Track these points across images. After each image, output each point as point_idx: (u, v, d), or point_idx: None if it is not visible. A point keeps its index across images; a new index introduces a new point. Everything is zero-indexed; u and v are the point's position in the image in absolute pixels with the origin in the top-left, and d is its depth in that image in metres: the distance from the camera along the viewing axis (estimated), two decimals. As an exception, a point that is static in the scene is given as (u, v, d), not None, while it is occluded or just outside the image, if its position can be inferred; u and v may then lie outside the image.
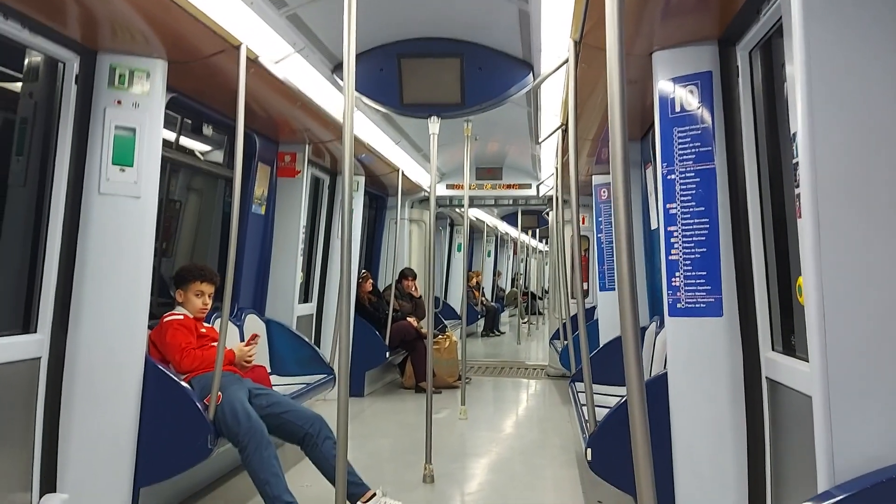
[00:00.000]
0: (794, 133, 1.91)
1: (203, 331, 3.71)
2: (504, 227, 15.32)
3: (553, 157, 6.06)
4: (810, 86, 1.73)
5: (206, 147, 4.72)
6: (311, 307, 6.12)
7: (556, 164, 5.47)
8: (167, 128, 3.60)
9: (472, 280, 12.72)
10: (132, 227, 3.18)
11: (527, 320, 14.24)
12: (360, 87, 4.03)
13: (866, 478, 1.59)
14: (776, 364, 2.46)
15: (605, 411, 3.28)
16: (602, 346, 5.11)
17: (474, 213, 12.06)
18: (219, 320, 3.36)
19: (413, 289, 7.83)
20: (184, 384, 3.28)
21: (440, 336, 7.60)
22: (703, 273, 2.74)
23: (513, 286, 18.24)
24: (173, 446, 3.22)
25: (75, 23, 2.90)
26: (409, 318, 7.41)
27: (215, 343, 3.47)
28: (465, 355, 6.68)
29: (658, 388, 2.84)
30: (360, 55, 3.14)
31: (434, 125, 4.25)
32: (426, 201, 8.70)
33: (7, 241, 3.08)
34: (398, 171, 6.95)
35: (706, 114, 2.77)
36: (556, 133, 5.01)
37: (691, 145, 2.79)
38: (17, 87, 3.11)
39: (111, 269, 3.13)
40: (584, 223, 7.36)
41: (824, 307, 1.69)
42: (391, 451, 4.99)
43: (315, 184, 6.04)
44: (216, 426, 3.22)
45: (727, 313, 2.70)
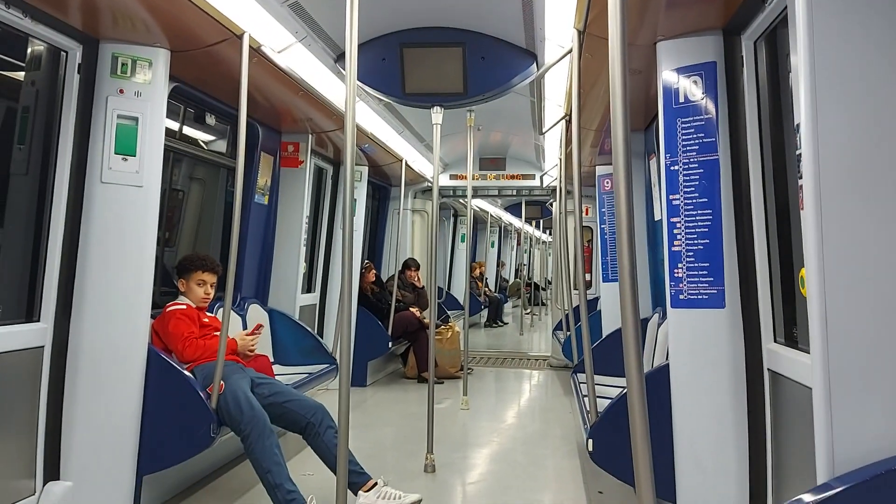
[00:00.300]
0: (797, 124, 1.90)
1: (206, 320, 3.71)
2: (508, 217, 15.29)
3: (556, 147, 6.05)
4: (814, 76, 1.72)
5: (209, 137, 4.71)
6: (313, 297, 6.13)
7: (560, 154, 5.45)
8: (170, 117, 3.60)
9: (476, 271, 12.72)
10: (135, 217, 3.19)
11: (530, 311, 14.24)
12: (362, 76, 4.03)
13: (865, 469, 1.59)
14: (778, 356, 2.46)
15: (606, 402, 3.29)
16: (604, 336, 5.10)
17: (478, 203, 12.04)
18: (221, 310, 3.37)
19: (416, 279, 7.84)
20: (186, 373, 3.29)
21: (443, 326, 7.61)
22: (706, 264, 2.74)
23: (516, 277, 18.24)
24: (176, 435, 3.23)
25: (77, 11, 2.90)
26: (411, 309, 7.41)
27: (218, 332, 3.48)
28: (468, 346, 6.69)
29: (660, 380, 2.84)
30: (362, 45, 3.14)
31: (437, 115, 4.24)
32: (429, 191, 8.70)
33: (10, 230, 3.09)
34: (401, 161, 6.94)
35: (710, 104, 2.75)
36: (560, 123, 4.99)
37: (695, 136, 2.78)
38: (20, 76, 3.11)
39: (114, 259, 3.14)
40: (587, 214, 7.35)
41: (826, 299, 1.69)
42: (393, 440, 5.01)
43: (318, 174, 6.03)
44: (219, 415, 3.24)
45: (729, 305, 2.70)
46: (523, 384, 7.77)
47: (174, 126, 4.10)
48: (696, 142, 2.78)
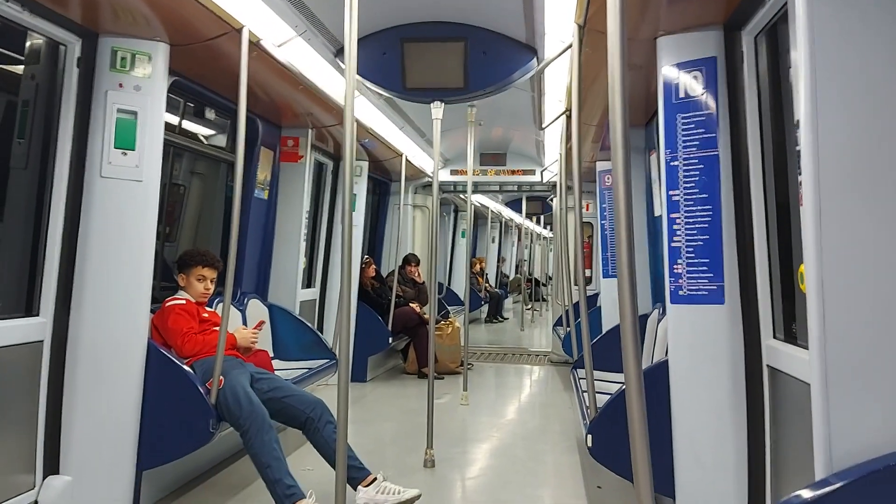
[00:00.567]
0: (797, 120, 1.90)
1: (205, 315, 3.72)
2: (508, 213, 15.29)
3: (557, 142, 6.04)
4: (814, 72, 1.72)
5: (209, 131, 4.71)
6: (313, 292, 6.13)
7: (560, 149, 5.44)
8: (169, 111, 3.59)
9: (476, 266, 12.72)
10: (134, 211, 3.18)
11: (530, 307, 14.24)
12: (362, 71, 4.02)
13: (863, 466, 1.58)
14: (777, 352, 2.45)
15: (606, 398, 3.29)
16: (604, 332, 5.10)
17: (478, 198, 12.03)
18: (221, 305, 3.37)
19: (416, 275, 7.84)
20: (186, 368, 3.30)
21: (443, 322, 7.61)
22: (706, 260, 2.73)
23: (517, 273, 18.24)
24: (175, 430, 3.23)
25: (76, 5, 2.89)
26: (412, 304, 7.41)
27: (217, 327, 3.48)
28: (468, 341, 6.69)
29: (659, 375, 2.84)
30: (362, 39, 3.13)
31: (437, 110, 4.23)
32: (430, 187, 8.69)
33: (10, 225, 3.09)
34: (401, 156, 6.93)
35: (710, 100, 2.75)
36: (561, 119, 4.98)
37: (695, 132, 2.77)
38: (19, 69, 3.11)
39: (113, 253, 3.14)
40: (588, 210, 7.34)
41: (824, 295, 1.69)
42: (393, 435, 5.02)
43: (318, 169, 6.03)
44: (218, 410, 3.24)
45: (729, 301, 2.70)
46: (523, 380, 7.78)
47: (174, 120, 4.09)
48: (696, 137, 2.77)
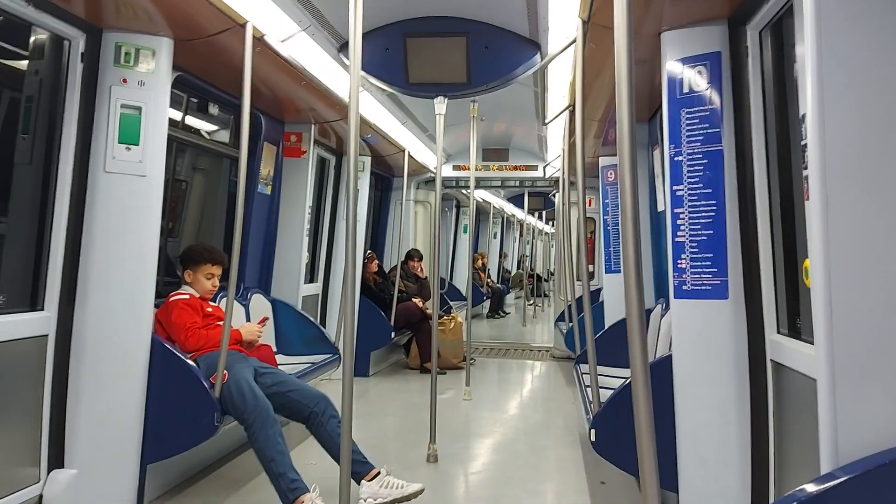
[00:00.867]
0: (802, 115, 1.89)
1: (209, 310, 3.72)
2: (510, 208, 15.28)
3: (560, 138, 6.03)
4: (821, 66, 1.71)
5: (212, 126, 4.71)
6: (316, 287, 6.14)
7: (563, 145, 5.44)
8: (173, 107, 3.59)
9: (478, 262, 12.71)
10: (138, 206, 3.19)
11: (532, 302, 14.25)
12: (365, 66, 4.01)
13: (869, 459, 1.59)
14: (781, 347, 2.45)
15: (609, 393, 3.29)
16: (607, 327, 5.10)
17: (480, 194, 12.03)
18: (224, 299, 3.37)
19: (419, 270, 7.84)
20: (190, 362, 3.30)
21: (445, 317, 7.61)
22: (710, 255, 2.73)
23: (518, 268, 18.24)
24: (180, 424, 3.24)
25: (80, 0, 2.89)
26: (414, 299, 7.42)
27: (221, 322, 3.48)
28: (470, 336, 6.70)
29: (662, 370, 2.84)
30: (365, 34, 3.12)
31: (440, 105, 4.23)
32: (432, 182, 8.68)
33: (14, 220, 3.09)
34: (404, 151, 6.93)
35: (715, 95, 2.74)
36: (564, 114, 4.97)
37: (699, 127, 2.77)
38: (23, 65, 3.11)
39: (117, 248, 3.14)
40: (590, 205, 7.34)
41: (831, 289, 1.69)
42: (396, 430, 5.02)
43: (321, 164, 6.03)
44: (222, 404, 3.24)
45: (733, 296, 2.70)
46: (525, 375, 7.79)
47: (177, 116, 4.09)
48: (701, 132, 2.77)
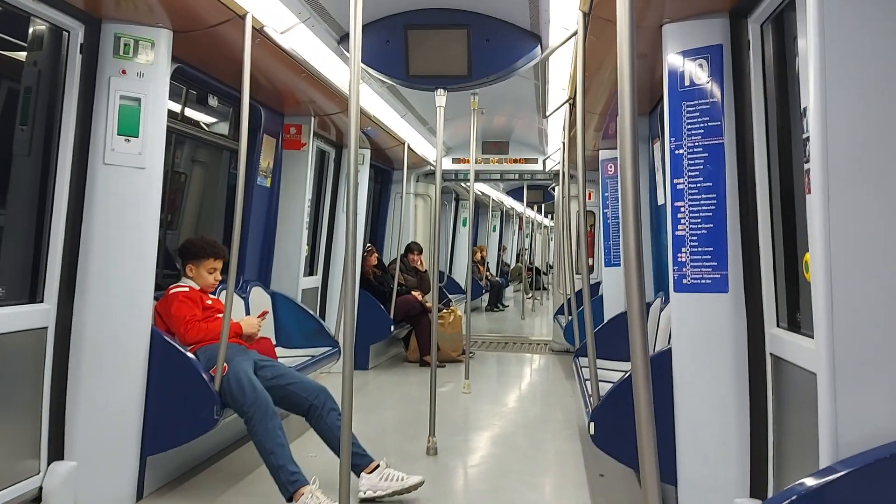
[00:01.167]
0: (804, 108, 1.89)
1: (209, 302, 3.72)
2: (510, 201, 15.27)
3: (560, 131, 6.02)
4: (823, 59, 1.71)
5: (212, 118, 4.70)
6: (316, 280, 6.14)
7: (563, 138, 5.43)
8: (172, 99, 3.58)
9: (477, 255, 12.72)
10: (137, 198, 3.18)
11: (531, 295, 14.25)
12: (365, 58, 4.00)
13: (869, 453, 1.59)
14: (781, 340, 2.46)
15: (608, 386, 3.30)
16: (606, 321, 5.11)
17: (480, 187, 12.02)
18: (224, 292, 3.37)
19: (419, 263, 7.83)
20: (189, 355, 3.30)
21: (444, 310, 7.61)
22: (710, 249, 2.73)
23: (517, 261, 18.25)
24: (180, 416, 3.25)
25: (79, -10, 2.88)
26: (413, 293, 7.42)
27: (221, 315, 3.48)
28: (470, 330, 6.70)
29: (662, 364, 2.85)
30: (365, 26, 3.11)
31: (440, 98, 4.21)
32: (432, 175, 8.67)
33: (13, 212, 3.09)
34: (404, 144, 6.91)
35: (716, 88, 2.74)
36: (564, 107, 4.96)
37: (700, 120, 2.77)
38: (22, 56, 3.09)
39: (117, 240, 3.14)
40: (590, 198, 7.33)
41: (831, 284, 1.68)
42: (395, 423, 5.03)
43: (321, 157, 6.02)
44: (222, 397, 3.25)
45: (733, 289, 2.70)
46: (524, 368, 7.79)
47: (177, 108, 4.08)
48: (702, 126, 2.77)
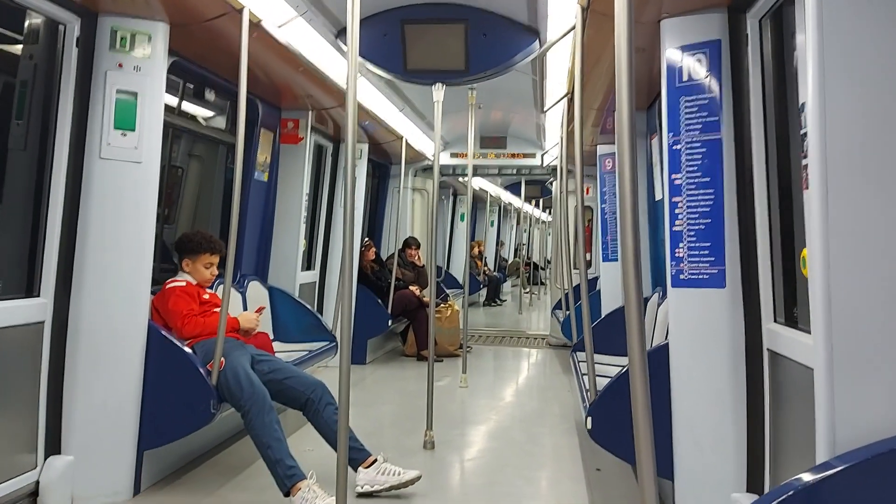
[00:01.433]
0: (802, 103, 1.88)
1: (206, 297, 3.71)
2: (507, 196, 15.26)
3: (558, 126, 6.01)
4: (822, 55, 1.70)
5: (209, 112, 4.68)
6: (313, 275, 6.13)
7: (561, 133, 5.42)
8: (169, 92, 3.57)
9: (475, 250, 12.72)
10: (134, 193, 3.17)
11: (529, 290, 14.27)
12: (363, 52, 3.97)
13: (866, 449, 1.59)
14: (778, 336, 2.46)
15: (605, 381, 3.30)
16: (604, 316, 5.11)
17: (478, 182, 12.01)
18: (221, 287, 3.36)
19: (416, 258, 7.83)
20: (186, 349, 3.30)
21: (442, 305, 7.62)
22: (707, 244, 2.73)
23: (515, 256, 18.26)
24: (176, 410, 3.25)
25: (75, -17, 2.86)
26: (411, 287, 7.42)
27: (218, 309, 3.48)
28: (467, 324, 6.70)
29: (659, 359, 2.85)
30: (363, 20, 3.10)
31: (438, 92, 4.20)
32: (430, 170, 8.67)
33: (9, 206, 3.08)
34: (401, 139, 6.90)
35: (714, 83, 2.73)
36: (562, 102, 4.96)
37: (698, 115, 2.76)
38: (18, 49, 3.08)
39: (113, 235, 3.13)
40: (588, 193, 7.33)
41: (829, 279, 1.68)
42: (392, 417, 5.04)
43: (318, 151, 6.00)
44: (219, 391, 3.25)
45: (730, 284, 2.70)
46: (522, 362, 7.81)
47: (173, 102, 4.07)
48: (700, 121, 2.76)
